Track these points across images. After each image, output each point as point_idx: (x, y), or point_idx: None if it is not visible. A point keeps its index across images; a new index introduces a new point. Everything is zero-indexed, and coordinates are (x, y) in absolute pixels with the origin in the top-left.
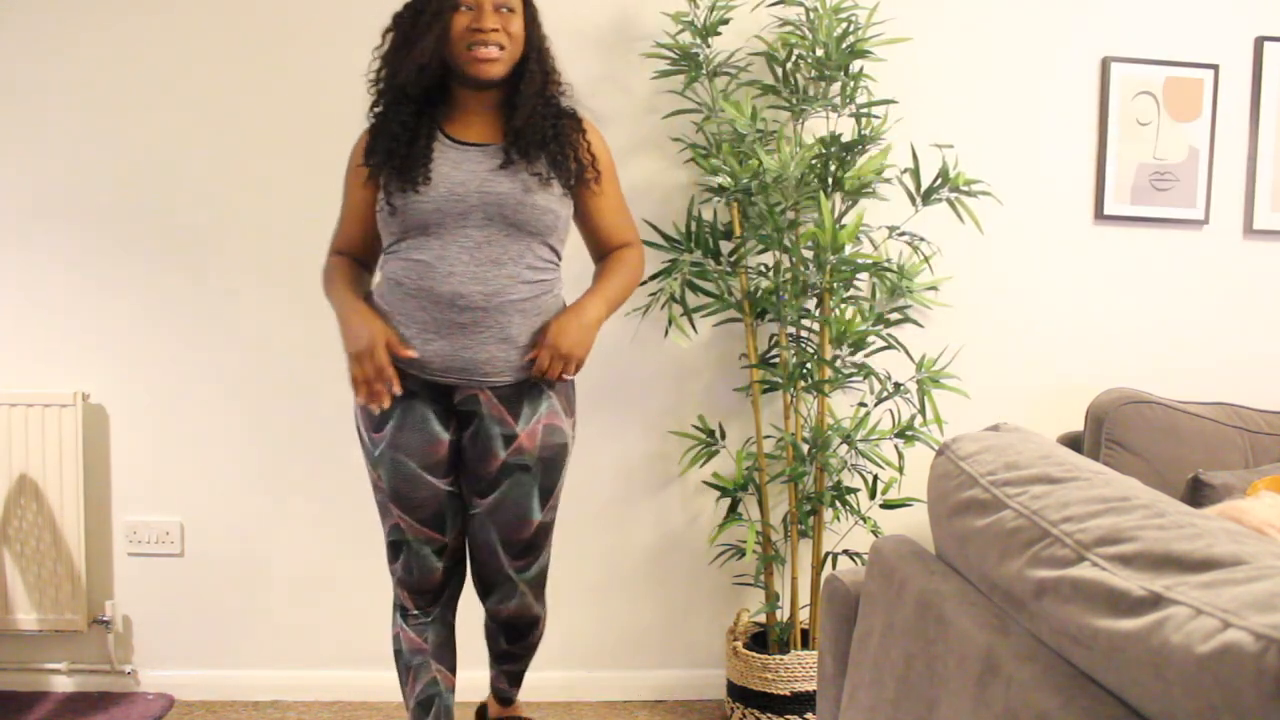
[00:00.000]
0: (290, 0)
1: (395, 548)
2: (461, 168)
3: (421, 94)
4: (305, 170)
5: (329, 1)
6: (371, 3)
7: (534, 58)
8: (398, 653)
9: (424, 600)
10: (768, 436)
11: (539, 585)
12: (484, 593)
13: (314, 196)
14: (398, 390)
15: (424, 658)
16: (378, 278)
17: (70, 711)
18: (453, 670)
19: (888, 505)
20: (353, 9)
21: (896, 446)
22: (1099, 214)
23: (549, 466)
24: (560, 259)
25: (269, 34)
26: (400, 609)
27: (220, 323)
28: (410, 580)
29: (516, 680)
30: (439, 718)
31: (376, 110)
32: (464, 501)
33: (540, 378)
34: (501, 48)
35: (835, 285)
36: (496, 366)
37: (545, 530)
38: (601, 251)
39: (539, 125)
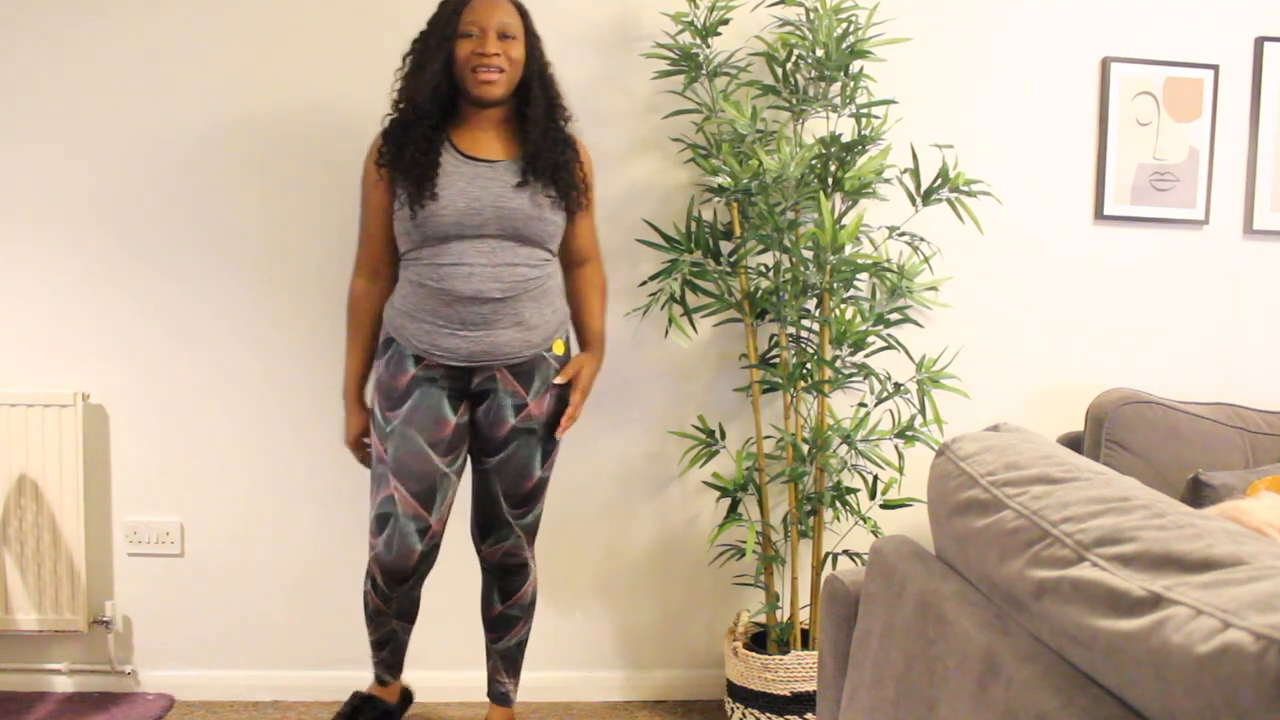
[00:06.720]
0: (294, 3)
1: (382, 521)
2: (475, 183)
3: (438, 110)
4: (307, 172)
5: (331, 4)
6: (375, 5)
7: (536, 82)
8: (365, 605)
9: (393, 580)
10: (768, 437)
11: (531, 532)
12: (482, 536)
13: (316, 198)
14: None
15: (385, 616)
16: (399, 283)
17: (70, 712)
18: (412, 621)
19: (888, 505)
20: (355, 12)
21: (896, 447)
22: (1099, 214)
23: (552, 429)
24: (555, 254)
25: (273, 36)
26: (371, 578)
27: (220, 323)
28: (387, 558)
29: (513, 668)
30: (393, 652)
31: (392, 119)
32: (457, 480)
33: (557, 375)
34: (502, 70)
35: (835, 285)
36: (515, 347)
37: (543, 484)
38: (569, 259)
39: (551, 151)
